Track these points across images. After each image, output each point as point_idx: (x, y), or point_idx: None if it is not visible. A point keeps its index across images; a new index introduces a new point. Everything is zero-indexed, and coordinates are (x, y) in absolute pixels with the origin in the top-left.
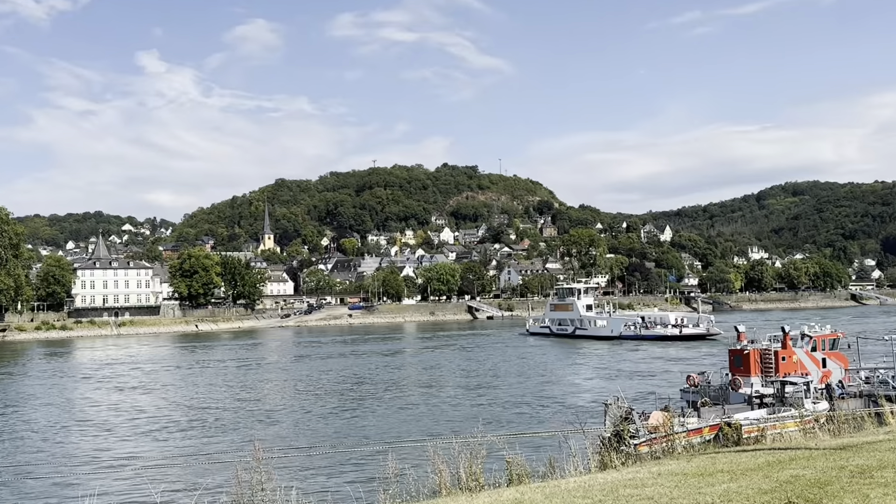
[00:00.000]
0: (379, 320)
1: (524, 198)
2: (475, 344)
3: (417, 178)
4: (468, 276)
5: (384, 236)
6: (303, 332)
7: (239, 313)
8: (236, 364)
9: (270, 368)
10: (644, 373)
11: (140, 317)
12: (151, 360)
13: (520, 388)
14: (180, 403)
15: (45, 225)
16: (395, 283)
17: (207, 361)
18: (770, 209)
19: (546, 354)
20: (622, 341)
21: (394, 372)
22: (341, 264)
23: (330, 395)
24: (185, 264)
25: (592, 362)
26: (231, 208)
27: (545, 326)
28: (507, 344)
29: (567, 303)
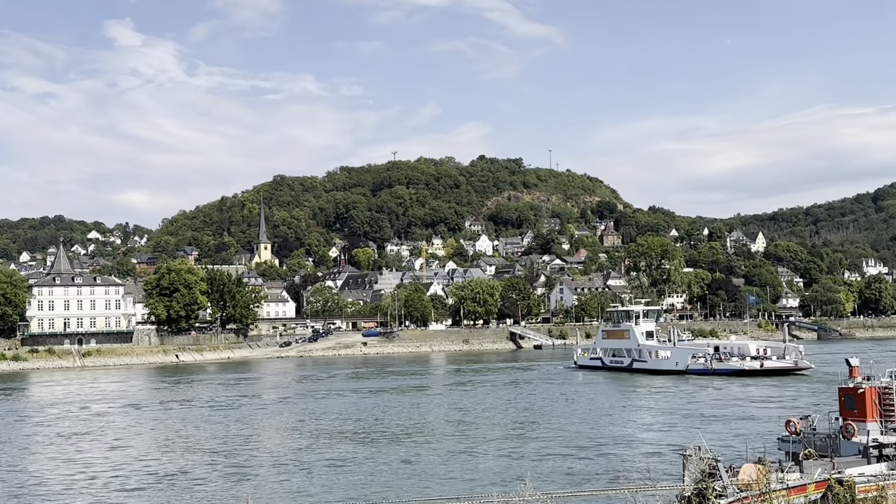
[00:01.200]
0: (400, 350)
1: (580, 198)
2: (515, 379)
3: (448, 175)
4: (510, 295)
5: (406, 246)
6: (306, 363)
7: (228, 341)
8: (222, 405)
9: (263, 410)
10: (724, 417)
11: (109, 345)
12: (119, 399)
13: (570, 434)
14: (147, 459)
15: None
16: (420, 303)
17: (188, 401)
18: (890, 212)
19: (598, 393)
20: (689, 376)
21: (418, 415)
22: (354, 281)
23: (338, 445)
24: (163, 280)
25: (656, 403)
26: (219, 212)
27: (596, 358)
28: (550, 380)
29: (622, 329)
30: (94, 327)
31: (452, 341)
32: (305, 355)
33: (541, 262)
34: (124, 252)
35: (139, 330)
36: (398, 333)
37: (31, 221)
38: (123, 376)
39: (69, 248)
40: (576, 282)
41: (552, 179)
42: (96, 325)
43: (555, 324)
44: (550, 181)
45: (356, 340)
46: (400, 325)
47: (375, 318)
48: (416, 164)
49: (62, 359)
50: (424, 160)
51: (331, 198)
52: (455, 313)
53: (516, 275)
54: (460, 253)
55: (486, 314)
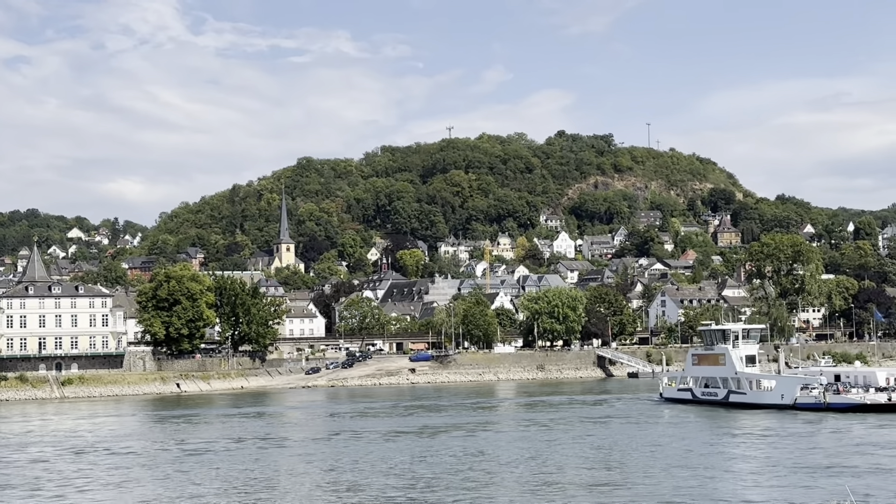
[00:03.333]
0: (457, 378)
1: (688, 185)
2: (593, 416)
3: (518, 156)
4: (598, 309)
5: (465, 247)
6: (339, 395)
7: (242, 366)
8: (232, 450)
9: (283, 458)
10: (849, 469)
11: (94, 370)
12: (106, 441)
13: (666, 488)
14: None
15: None
16: (483, 319)
17: (188, 445)
18: None
19: (688, 435)
20: (798, 412)
21: (482, 464)
22: (399, 290)
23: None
24: (160, 290)
25: (759, 450)
26: (231, 204)
27: (685, 389)
28: (629, 416)
29: (716, 353)
30: (75, 349)
31: (524, 367)
32: (338, 385)
33: (637, 267)
34: (113, 255)
35: (131, 352)
36: (454, 357)
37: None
38: (112, 410)
39: (45, 249)
40: (682, 292)
41: (651, 161)
42: (78, 347)
43: (655, 345)
44: (649, 163)
45: (402, 366)
46: (457, 347)
47: (426, 338)
48: (477, 143)
49: (36, 388)
50: (488, 138)
51: (370, 186)
52: (527, 332)
53: (605, 283)
54: (534, 255)
55: (567, 333)
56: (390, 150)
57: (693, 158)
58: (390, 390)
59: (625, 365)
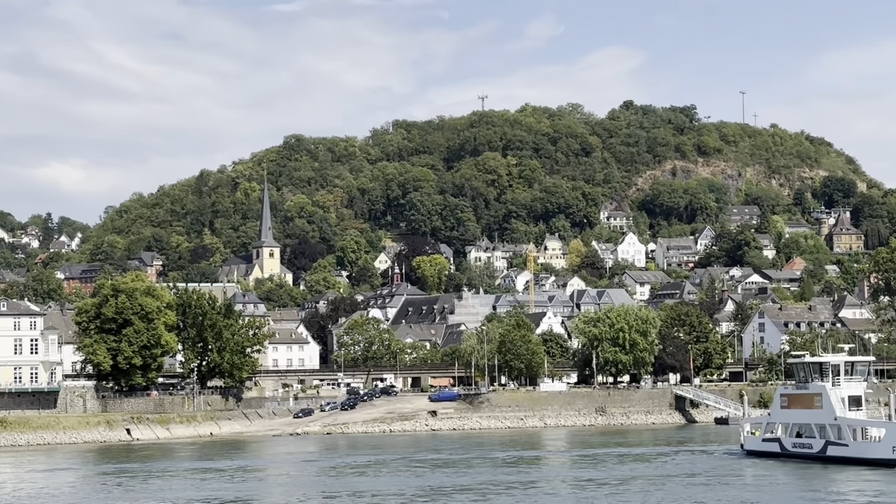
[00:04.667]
0: (491, 423)
1: (794, 172)
2: (647, 474)
3: (571, 133)
4: (676, 334)
5: (502, 252)
6: (337, 446)
7: (212, 406)
8: None
9: None
10: None
11: (19, 411)
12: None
13: None
14: None
15: None
16: (526, 347)
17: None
18: None
19: (773, 501)
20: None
21: None
22: (416, 309)
23: None
24: (106, 308)
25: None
26: (197, 196)
27: (772, 439)
28: (694, 473)
29: (810, 393)
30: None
31: (579, 410)
32: (336, 431)
33: (727, 280)
34: (45, 261)
35: (68, 388)
36: (488, 397)
37: None
38: (41, 463)
39: None
40: (786, 312)
41: (746, 141)
42: (1, 381)
43: (751, 382)
44: (743, 144)
45: (419, 407)
46: (491, 384)
47: (450, 372)
48: (518, 117)
49: None
50: (533, 110)
51: (378, 172)
52: (583, 364)
53: (686, 300)
54: (592, 263)
55: (636, 366)
56: (405, 127)
57: (801, 138)
58: (404, 439)
59: (711, 408)
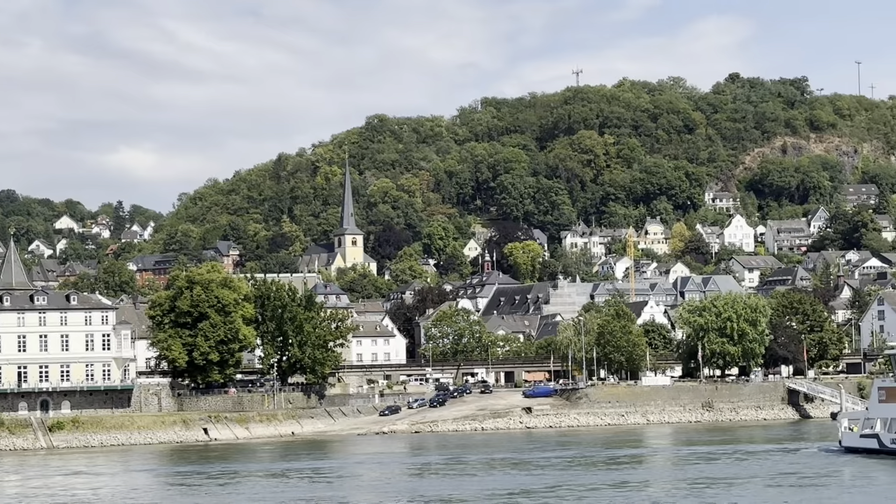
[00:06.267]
0: (590, 420)
1: None
2: (736, 474)
3: (673, 109)
4: (788, 323)
5: (600, 237)
6: (426, 445)
7: (293, 404)
8: None
9: None
10: None
11: (92, 411)
12: None
13: None
14: None
15: None
16: (626, 338)
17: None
18: None
19: None
20: None
21: None
22: (508, 299)
23: None
24: (181, 301)
25: None
26: (276, 181)
27: (870, 435)
28: (785, 472)
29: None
30: (66, 381)
31: (684, 406)
32: (425, 430)
33: (843, 265)
34: (116, 252)
35: (142, 386)
36: (586, 392)
37: None
38: (117, 465)
39: (25, 246)
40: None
41: (863, 114)
42: (71, 378)
43: (870, 374)
44: (859, 118)
45: (513, 404)
46: (589, 378)
47: (546, 365)
48: (615, 93)
49: (15, 435)
50: (632, 85)
51: (466, 154)
52: (688, 356)
53: (798, 287)
54: (697, 248)
55: (745, 358)
56: (495, 104)
57: None
58: (497, 438)
59: (826, 402)
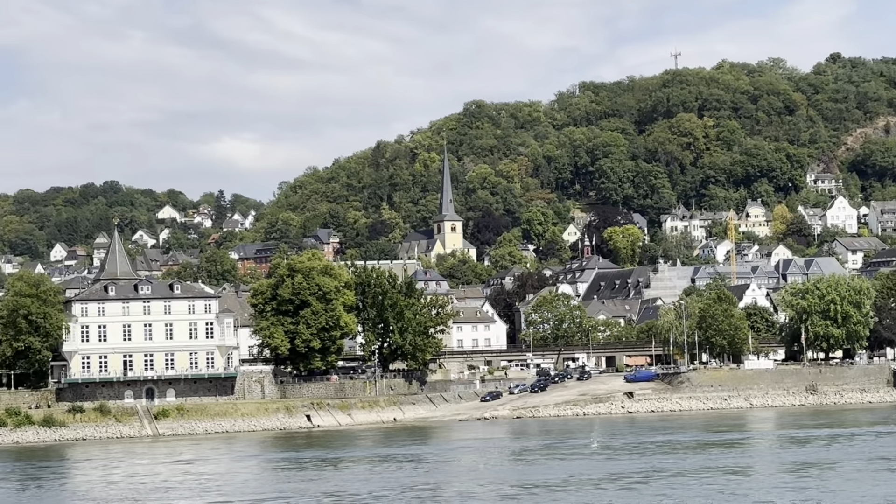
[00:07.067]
0: (692, 405)
1: None
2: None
3: (773, 90)
4: (893, 305)
5: (701, 220)
6: (528, 430)
7: (395, 390)
8: None
9: None
10: None
11: (196, 398)
12: None
13: None
14: None
15: (4, 211)
16: (728, 322)
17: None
18: None
19: None
20: None
21: None
22: (608, 283)
23: None
24: (282, 289)
25: None
26: (375, 168)
27: None
28: (872, 459)
29: None
30: (171, 369)
31: (787, 389)
32: (526, 416)
33: None
34: (218, 241)
35: (245, 373)
36: (688, 376)
37: (68, 193)
38: (222, 452)
39: (129, 235)
40: None
41: None
42: (175, 366)
43: None
44: None
45: (614, 388)
46: (691, 362)
47: (647, 350)
48: (715, 75)
49: (121, 423)
50: (731, 67)
51: (565, 139)
52: (791, 339)
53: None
54: (799, 230)
55: (849, 340)
56: (593, 89)
57: None
58: (600, 422)
59: None
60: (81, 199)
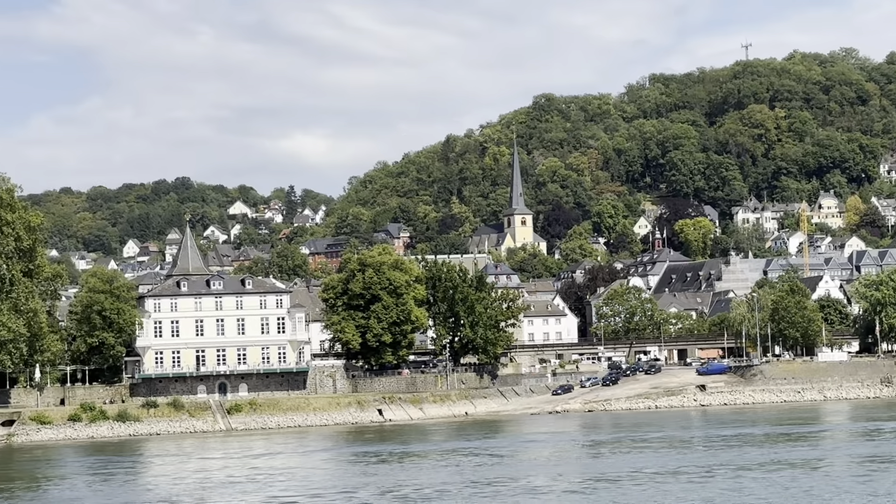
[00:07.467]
0: (765, 397)
1: None
2: None
3: (845, 81)
4: None
5: (772, 212)
6: (600, 424)
7: (466, 384)
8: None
9: None
10: None
11: (268, 393)
12: (296, 498)
13: None
14: None
15: (77, 208)
16: (801, 314)
17: (415, 495)
18: None
19: None
20: None
21: None
22: (679, 276)
23: None
24: (353, 283)
25: None
26: (444, 163)
27: None
28: None
29: None
30: (243, 364)
31: (861, 381)
32: (597, 409)
33: None
34: (289, 236)
35: (317, 367)
36: (761, 369)
37: (140, 189)
38: (295, 446)
39: (200, 231)
40: None
41: None
42: (247, 361)
43: None
44: None
45: (686, 381)
46: (764, 355)
47: (719, 342)
48: (786, 66)
49: (195, 417)
50: (802, 57)
51: (635, 131)
52: (865, 331)
53: None
54: (872, 222)
55: None
56: (663, 81)
57: None
58: (671, 416)
59: None
60: (153, 196)
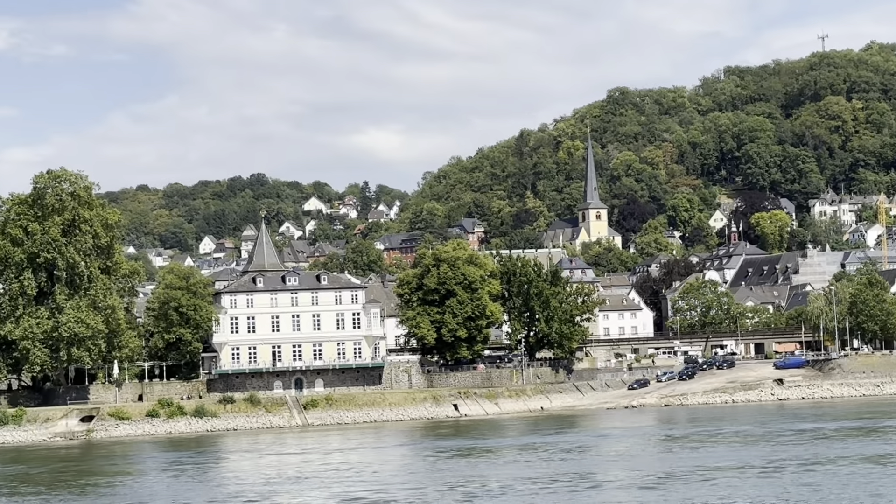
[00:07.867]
0: (844, 391)
1: None
2: None
3: None
4: None
5: (850, 204)
6: (676, 418)
7: (541, 379)
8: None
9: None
10: None
11: (344, 388)
12: (376, 493)
13: None
14: None
15: (154, 205)
16: (880, 307)
17: (498, 490)
18: None
19: None
20: None
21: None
22: (756, 270)
23: None
24: (428, 278)
25: None
26: (518, 157)
27: None
28: None
29: None
30: (319, 360)
31: None
32: (674, 403)
33: None
34: (364, 232)
35: (392, 363)
36: (839, 363)
37: (215, 186)
38: (372, 441)
39: (276, 228)
40: None
41: None
42: (323, 357)
43: None
44: None
45: (763, 375)
46: (842, 348)
47: (797, 336)
48: (863, 57)
49: (271, 413)
50: (879, 48)
51: (710, 124)
52: None
53: None
54: None
55: None
56: (738, 73)
57: None
58: (748, 410)
59: None
60: (229, 192)
